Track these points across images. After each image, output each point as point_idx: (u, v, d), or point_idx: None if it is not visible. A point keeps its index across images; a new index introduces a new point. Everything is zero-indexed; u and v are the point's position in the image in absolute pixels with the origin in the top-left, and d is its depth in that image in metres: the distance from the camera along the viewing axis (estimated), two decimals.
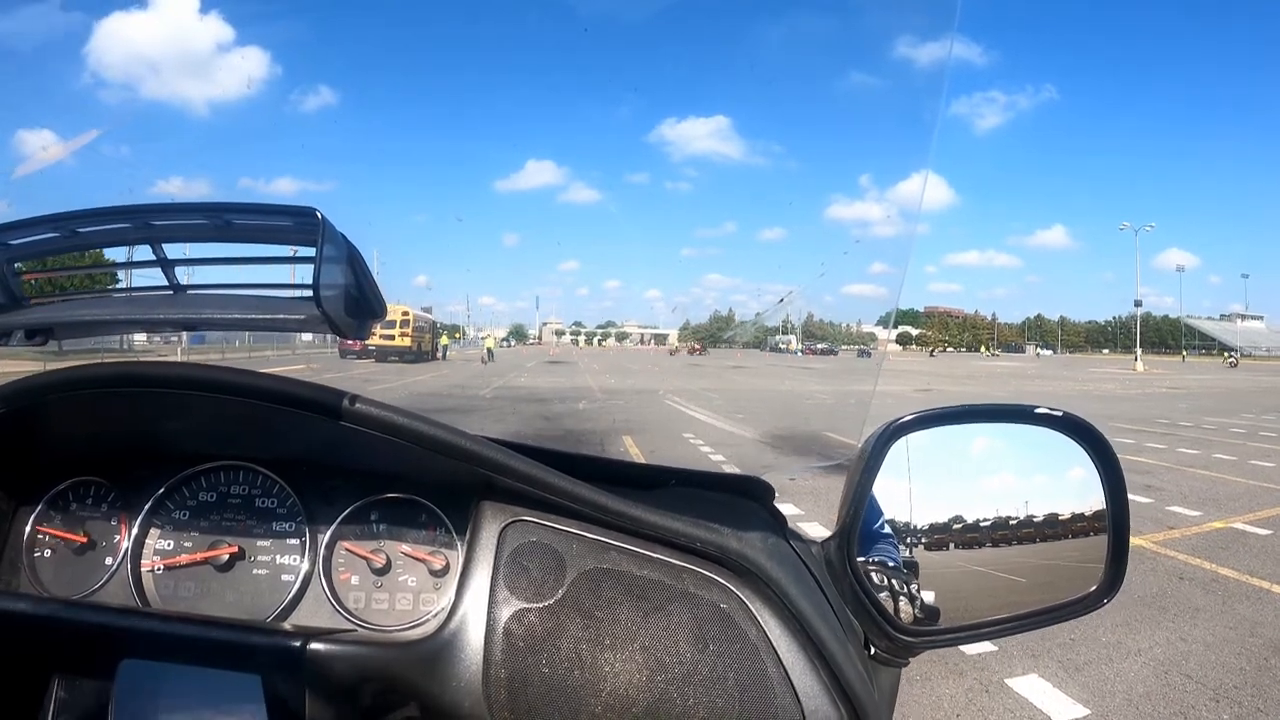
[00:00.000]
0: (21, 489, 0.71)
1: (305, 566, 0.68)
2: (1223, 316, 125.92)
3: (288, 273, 0.55)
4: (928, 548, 0.64)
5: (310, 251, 0.50)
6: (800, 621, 0.60)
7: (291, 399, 0.60)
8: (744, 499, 0.72)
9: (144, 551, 0.69)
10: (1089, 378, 30.26)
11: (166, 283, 0.57)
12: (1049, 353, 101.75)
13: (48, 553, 0.70)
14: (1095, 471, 0.66)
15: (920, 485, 0.65)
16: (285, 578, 0.68)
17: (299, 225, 0.52)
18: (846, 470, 0.65)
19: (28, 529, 0.70)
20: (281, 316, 0.53)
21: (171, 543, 0.70)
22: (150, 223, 0.55)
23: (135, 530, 0.69)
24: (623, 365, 29.68)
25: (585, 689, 0.58)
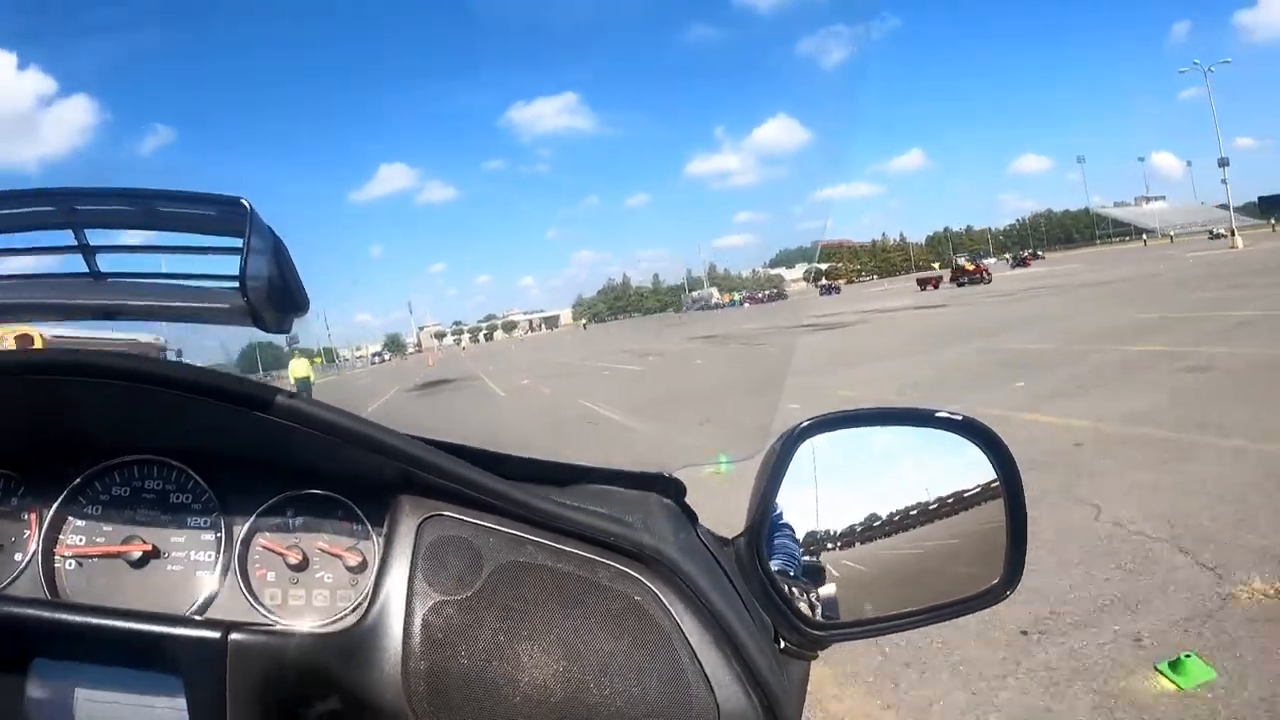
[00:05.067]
0: None
1: (220, 563, 0.66)
2: (1116, 204, 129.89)
3: (214, 264, 0.55)
4: (833, 546, 0.67)
5: (237, 242, 0.50)
6: (712, 614, 0.61)
7: (209, 390, 0.59)
8: (657, 495, 0.72)
9: (55, 548, 0.67)
10: None
11: (87, 270, 0.55)
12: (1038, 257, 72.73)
13: None
14: (994, 473, 0.69)
15: (826, 487, 0.67)
16: (200, 574, 0.66)
17: (225, 214, 0.51)
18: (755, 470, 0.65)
19: None
20: (204, 306, 0.52)
21: (83, 538, 0.67)
22: (74, 207, 0.54)
23: (46, 526, 0.67)
24: (559, 363, 18.98)
25: (504, 679, 0.58)
